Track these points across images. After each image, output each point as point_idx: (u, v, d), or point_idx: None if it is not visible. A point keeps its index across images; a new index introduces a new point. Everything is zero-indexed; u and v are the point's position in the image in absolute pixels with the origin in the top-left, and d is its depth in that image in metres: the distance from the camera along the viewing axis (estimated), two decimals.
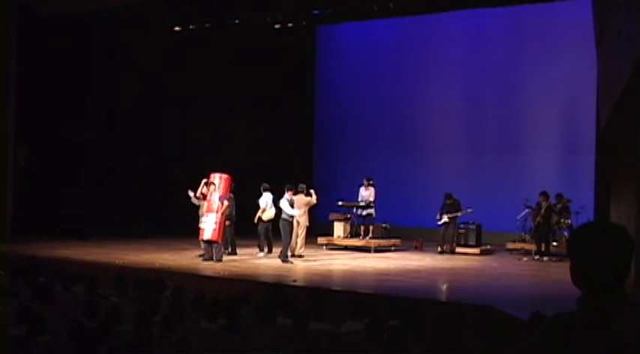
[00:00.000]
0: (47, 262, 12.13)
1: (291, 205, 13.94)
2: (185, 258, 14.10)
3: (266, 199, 14.69)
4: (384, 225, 16.62)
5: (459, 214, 15.64)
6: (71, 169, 17.71)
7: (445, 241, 15.69)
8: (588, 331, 2.15)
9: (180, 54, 18.66)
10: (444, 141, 19.00)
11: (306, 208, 14.48)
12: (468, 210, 15.61)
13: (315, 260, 14.25)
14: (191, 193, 14.16)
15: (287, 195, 14.00)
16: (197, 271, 12.57)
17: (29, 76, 16.99)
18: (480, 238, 15.98)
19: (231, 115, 19.19)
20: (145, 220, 17.82)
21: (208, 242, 13.65)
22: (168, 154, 18.54)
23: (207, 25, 18.19)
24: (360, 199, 16.50)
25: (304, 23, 18.79)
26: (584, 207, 15.11)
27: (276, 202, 14.38)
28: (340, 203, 16.61)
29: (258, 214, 14.74)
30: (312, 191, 14.64)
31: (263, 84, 19.36)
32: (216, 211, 13.56)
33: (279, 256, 13.74)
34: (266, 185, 14.81)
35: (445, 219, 15.58)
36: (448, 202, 15.67)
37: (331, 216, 16.75)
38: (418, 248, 16.53)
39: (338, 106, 20.54)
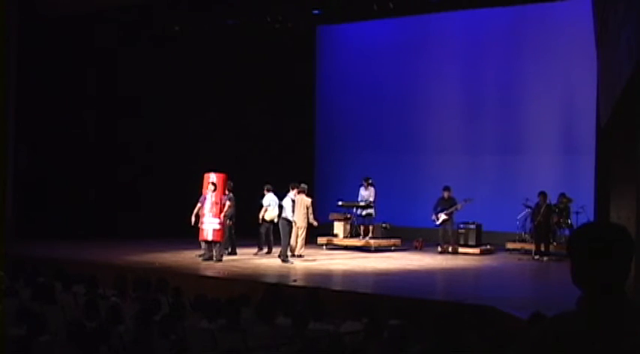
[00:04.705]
0: (47, 262, 12.13)
1: (293, 202, 13.95)
2: (185, 258, 14.11)
3: (269, 199, 14.71)
4: (384, 225, 16.61)
5: (456, 208, 15.59)
6: (71, 168, 17.71)
7: (445, 241, 15.65)
8: (588, 331, 2.15)
9: (180, 54, 18.65)
10: (444, 141, 19.00)
11: (307, 210, 14.37)
12: (467, 201, 15.56)
13: (315, 260, 14.24)
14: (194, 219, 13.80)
15: (291, 193, 14.02)
16: (197, 271, 12.57)
17: (29, 76, 16.98)
18: (480, 238, 15.96)
19: (231, 115, 19.18)
20: (145, 220, 17.82)
21: (209, 242, 13.64)
22: (168, 154, 18.53)
23: (206, 25, 18.20)
24: (360, 199, 16.50)
25: (304, 23, 18.79)
26: (584, 207, 15.12)
27: (279, 201, 14.41)
28: (340, 203, 16.62)
29: (261, 214, 14.75)
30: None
31: (263, 84, 19.35)
32: (219, 212, 13.58)
33: (279, 256, 13.75)
34: (269, 186, 14.82)
35: (443, 217, 15.56)
36: (445, 197, 15.63)
37: (331, 216, 16.76)
38: (418, 248, 16.53)
39: (338, 106, 20.53)
